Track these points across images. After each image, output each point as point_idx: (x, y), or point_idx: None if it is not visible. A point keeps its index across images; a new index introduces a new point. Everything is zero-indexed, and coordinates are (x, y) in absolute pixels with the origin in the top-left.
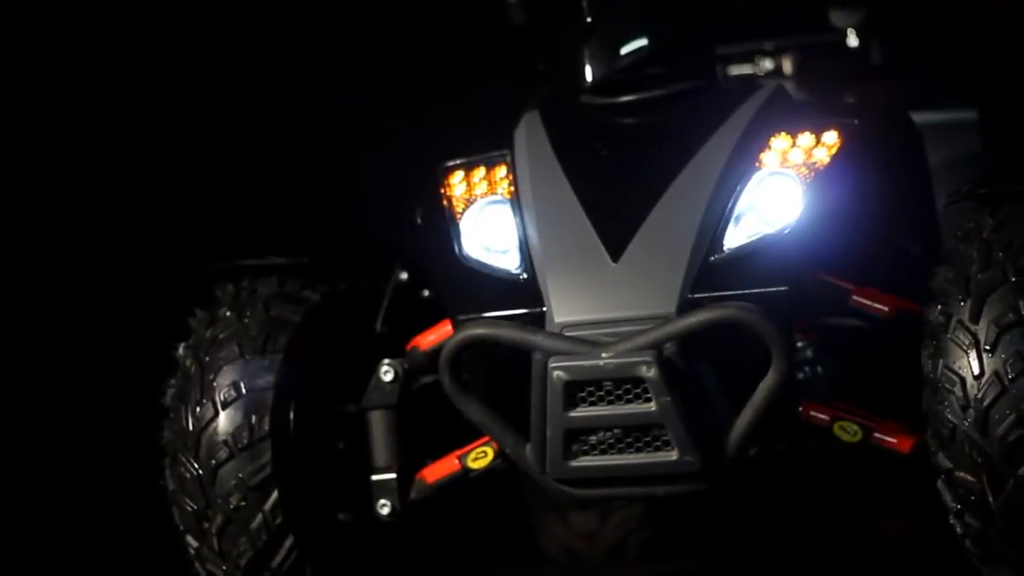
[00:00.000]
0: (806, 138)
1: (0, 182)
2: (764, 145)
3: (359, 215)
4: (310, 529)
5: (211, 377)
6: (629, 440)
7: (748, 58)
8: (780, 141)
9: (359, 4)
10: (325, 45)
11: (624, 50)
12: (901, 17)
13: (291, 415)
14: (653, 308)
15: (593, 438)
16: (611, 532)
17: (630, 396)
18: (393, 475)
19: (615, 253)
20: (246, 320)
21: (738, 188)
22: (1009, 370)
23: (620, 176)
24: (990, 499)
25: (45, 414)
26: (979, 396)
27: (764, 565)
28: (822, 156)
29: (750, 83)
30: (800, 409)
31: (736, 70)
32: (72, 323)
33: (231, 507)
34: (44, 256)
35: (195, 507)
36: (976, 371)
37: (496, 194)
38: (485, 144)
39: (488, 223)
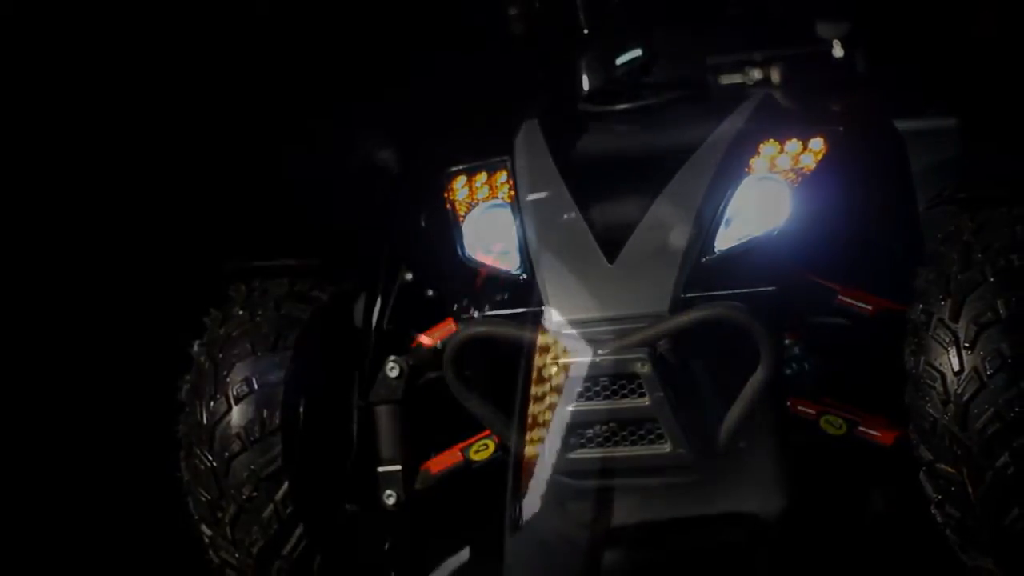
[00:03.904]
0: (793, 145)
1: (24, 185)
2: (753, 151)
3: (366, 218)
4: (319, 518)
5: (224, 373)
6: (624, 433)
7: (738, 68)
8: (769, 147)
9: (369, 17)
10: (337, 54)
11: (619, 60)
12: (885, 29)
13: (301, 409)
14: (647, 307)
15: (590, 431)
16: (607, 521)
17: (625, 391)
18: (398, 466)
19: (611, 255)
20: (258, 319)
21: (728, 192)
22: (987, 366)
23: (615, 181)
24: (969, 490)
25: (66, 409)
26: (959, 391)
27: (754, 553)
28: (809, 162)
29: (740, 92)
30: (788, 403)
31: (726, 79)
32: (92, 322)
33: (243, 497)
34: (66, 257)
35: (209, 497)
36: (956, 367)
37: (497, 198)
38: (487, 150)
39: (489, 226)
